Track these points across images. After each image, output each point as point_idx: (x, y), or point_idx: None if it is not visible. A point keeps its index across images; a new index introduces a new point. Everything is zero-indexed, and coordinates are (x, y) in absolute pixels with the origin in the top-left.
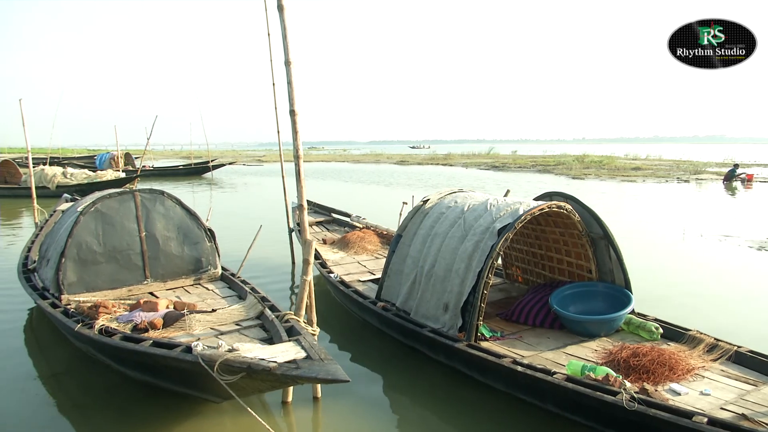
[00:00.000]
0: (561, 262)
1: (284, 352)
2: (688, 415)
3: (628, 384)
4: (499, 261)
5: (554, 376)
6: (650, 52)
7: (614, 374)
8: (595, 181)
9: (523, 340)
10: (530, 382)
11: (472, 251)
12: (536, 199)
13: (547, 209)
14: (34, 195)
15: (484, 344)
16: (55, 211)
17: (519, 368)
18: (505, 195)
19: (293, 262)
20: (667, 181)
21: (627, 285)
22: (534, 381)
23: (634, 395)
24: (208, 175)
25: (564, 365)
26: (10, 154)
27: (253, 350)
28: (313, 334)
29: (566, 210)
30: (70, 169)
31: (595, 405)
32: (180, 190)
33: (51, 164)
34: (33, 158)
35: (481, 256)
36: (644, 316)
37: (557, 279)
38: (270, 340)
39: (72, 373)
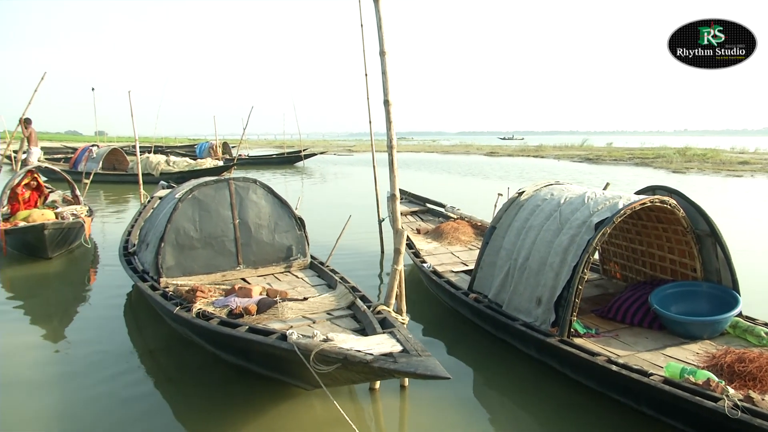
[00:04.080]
0: (663, 260)
1: (379, 344)
2: None
3: (731, 390)
4: (597, 256)
5: (651, 377)
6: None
7: (716, 379)
8: (697, 175)
9: (619, 339)
10: (625, 383)
11: (568, 245)
12: (638, 193)
13: (649, 204)
14: (141, 181)
15: (578, 341)
16: (152, 198)
17: (613, 367)
18: (605, 188)
19: (382, 252)
20: None
21: (735, 286)
22: (629, 381)
23: (738, 402)
24: (299, 164)
25: (662, 367)
26: (119, 142)
27: (347, 341)
28: (403, 323)
29: (670, 205)
30: (172, 158)
31: (693, 410)
32: (273, 178)
33: (155, 152)
34: (139, 147)
35: (577, 250)
36: (753, 319)
37: (658, 277)
38: (363, 331)
39: (167, 350)
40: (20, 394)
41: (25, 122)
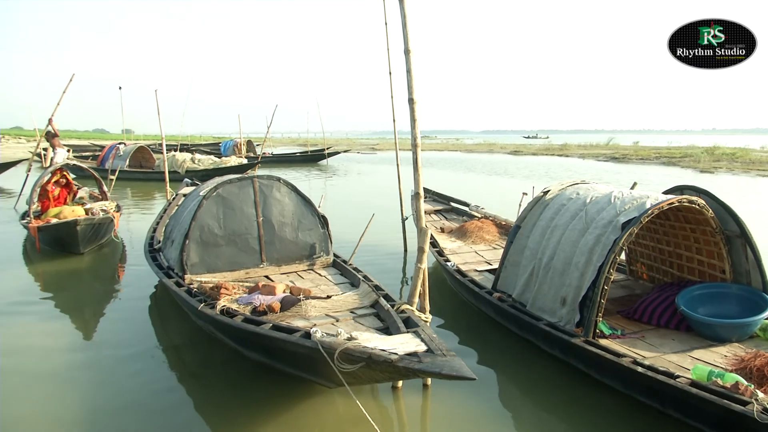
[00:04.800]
0: (691, 261)
1: (404, 343)
2: None
3: (760, 395)
4: (623, 257)
5: (677, 379)
6: None
7: (745, 383)
8: (726, 175)
9: (645, 340)
10: (651, 384)
11: (593, 245)
12: (665, 192)
13: (677, 204)
14: (167, 178)
15: (603, 341)
16: (177, 195)
17: (639, 369)
18: (632, 188)
19: (405, 251)
20: None
21: (765, 288)
22: (655, 383)
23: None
24: (323, 162)
25: (689, 369)
26: (145, 140)
27: (371, 340)
28: (426, 321)
29: (699, 205)
30: (197, 155)
31: (721, 414)
32: (296, 176)
33: (181, 150)
34: (165, 145)
35: (603, 250)
36: None
37: (686, 278)
38: (386, 330)
39: (191, 346)
40: (50, 386)
41: (48, 135)
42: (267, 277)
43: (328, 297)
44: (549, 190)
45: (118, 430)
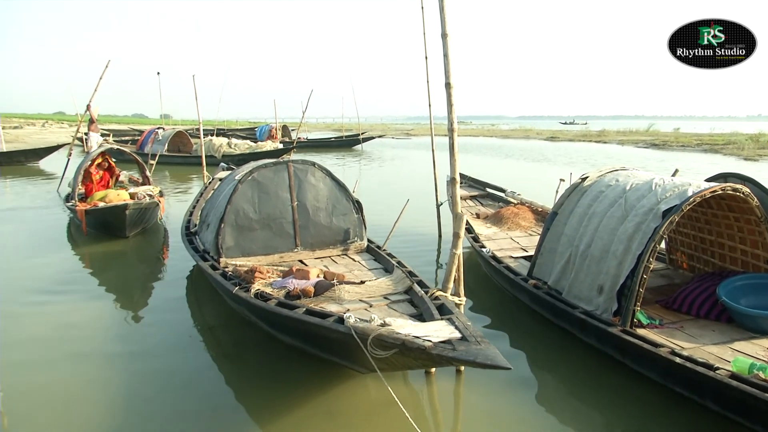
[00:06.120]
0: (734, 250)
1: (438, 331)
2: None
3: None
4: (663, 245)
5: (717, 371)
6: None
7: None
8: None
9: (683, 331)
10: (689, 376)
11: (633, 233)
12: (708, 180)
13: (720, 192)
14: (204, 163)
15: (640, 331)
16: (213, 179)
17: (677, 360)
18: (673, 175)
19: (440, 237)
20: None
21: None
22: (693, 375)
23: None
24: (357, 147)
25: (729, 361)
26: (183, 125)
27: (405, 326)
28: (460, 304)
29: (743, 193)
30: (234, 140)
31: (762, 408)
32: (331, 161)
33: (217, 135)
34: (203, 130)
35: (643, 238)
36: None
37: (728, 268)
38: (420, 317)
39: (226, 327)
40: (92, 363)
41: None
42: (301, 261)
43: (362, 282)
44: (587, 177)
45: (155, 408)
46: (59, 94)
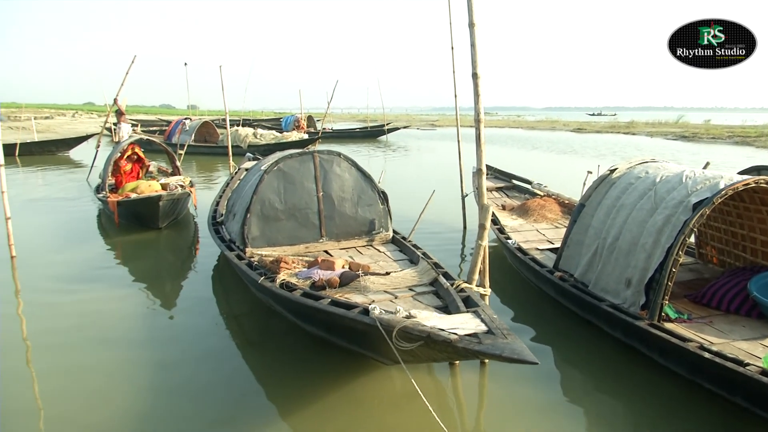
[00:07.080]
0: (766, 245)
1: (464, 323)
2: None
3: None
4: (692, 239)
5: (747, 367)
6: None
7: None
8: None
9: (713, 326)
10: (718, 372)
11: (662, 225)
12: (741, 173)
13: (753, 185)
14: (230, 153)
15: (668, 325)
16: (239, 169)
17: (706, 355)
18: (705, 167)
19: (465, 228)
20: None
21: None
22: (722, 370)
23: None
24: (382, 138)
25: (760, 357)
26: (209, 116)
27: (430, 318)
28: (484, 296)
29: None
30: (260, 130)
31: None
32: (356, 152)
33: (243, 125)
34: (229, 120)
35: (672, 231)
36: None
37: (759, 263)
38: (446, 309)
39: (251, 316)
40: (123, 348)
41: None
42: (326, 252)
43: (387, 273)
44: (616, 169)
45: (183, 392)
46: (88, 83)
